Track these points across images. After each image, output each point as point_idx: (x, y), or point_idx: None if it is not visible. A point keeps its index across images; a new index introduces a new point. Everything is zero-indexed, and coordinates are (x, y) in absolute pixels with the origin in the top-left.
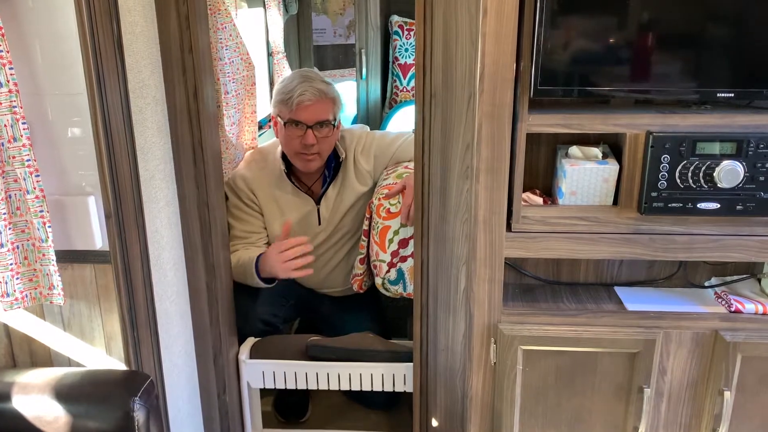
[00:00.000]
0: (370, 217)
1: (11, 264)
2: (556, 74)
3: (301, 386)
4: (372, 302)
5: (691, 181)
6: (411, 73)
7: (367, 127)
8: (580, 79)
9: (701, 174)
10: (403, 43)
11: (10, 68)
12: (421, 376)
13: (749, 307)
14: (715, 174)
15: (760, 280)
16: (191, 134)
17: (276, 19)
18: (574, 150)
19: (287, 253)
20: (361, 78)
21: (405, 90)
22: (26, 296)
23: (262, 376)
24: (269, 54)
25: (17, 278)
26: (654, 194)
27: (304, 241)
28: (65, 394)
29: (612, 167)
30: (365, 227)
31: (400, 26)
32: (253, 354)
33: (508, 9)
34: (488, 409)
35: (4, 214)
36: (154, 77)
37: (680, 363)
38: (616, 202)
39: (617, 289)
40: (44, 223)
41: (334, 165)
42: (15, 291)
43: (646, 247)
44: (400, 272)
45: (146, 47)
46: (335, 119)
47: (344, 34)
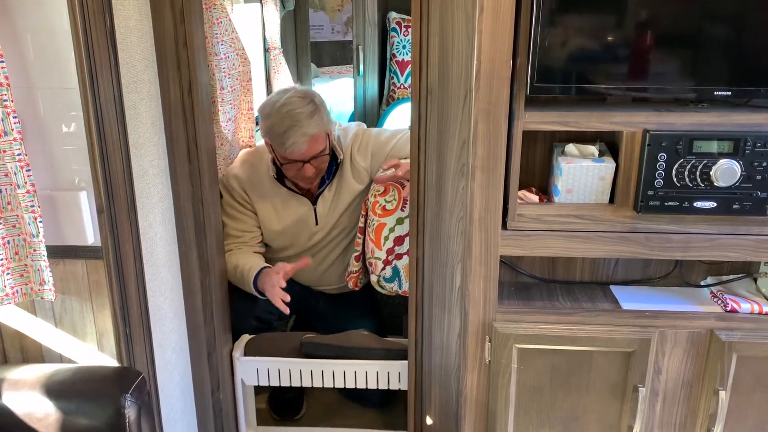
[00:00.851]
0: (366, 214)
1: (2, 259)
2: (553, 72)
3: (296, 384)
4: (367, 300)
5: (687, 179)
6: (408, 70)
7: (364, 125)
8: (577, 77)
9: (698, 173)
10: (401, 40)
11: (1, 61)
12: (416, 374)
13: (745, 306)
14: (711, 173)
15: (756, 280)
16: (185, 130)
17: (273, 15)
18: (571, 148)
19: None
20: (359, 75)
21: (402, 87)
22: (17, 292)
23: (256, 373)
24: (266, 50)
25: (8, 273)
26: (650, 193)
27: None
28: (56, 390)
29: (608, 165)
30: (361, 224)
31: (398, 23)
32: (248, 351)
33: (505, 6)
34: (483, 408)
35: None
36: (148, 72)
37: (675, 362)
38: (612, 200)
39: (613, 287)
40: (35, 218)
41: (333, 168)
42: (6, 286)
43: (642, 245)
44: (396, 270)
45: (140, 41)
46: (328, 143)
47: (342, 30)
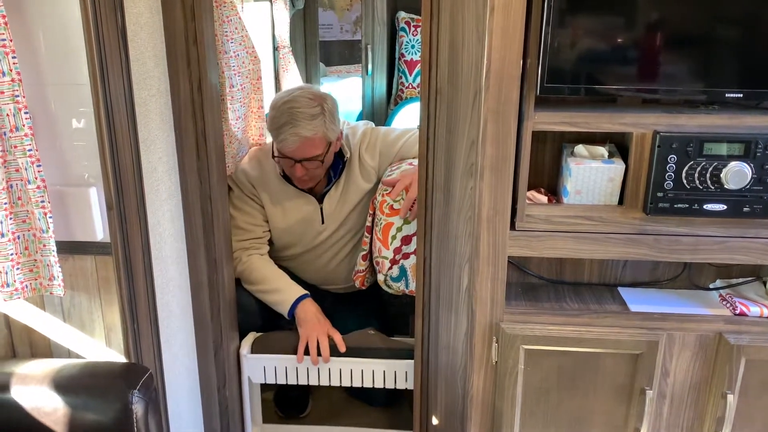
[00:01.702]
0: (374, 213)
1: (12, 254)
2: (563, 72)
3: (302, 382)
4: (374, 299)
5: (697, 181)
6: (417, 69)
7: (372, 124)
8: (587, 78)
9: (708, 175)
10: (410, 40)
11: (13, 57)
12: (422, 373)
13: (754, 310)
14: (722, 175)
15: (765, 283)
16: (195, 127)
17: (282, 14)
18: (580, 149)
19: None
20: (367, 74)
21: (411, 86)
22: (26, 287)
23: (263, 371)
24: (275, 48)
25: (17, 268)
26: (660, 194)
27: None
28: (64, 385)
29: (618, 167)
30: (368, 224)
31: (407, 22)
32: (254, 349)
33: (516, 6)
34: (489, 408)
35: (5, 204)
36: (158, 69)
37: (683, 365)
38: (621, 201)
39: (621, 289)
40: (45, 214)
41: (340, 166)
42: (15, 281)
43: (651, 247)
44: (403, 269)
45: (151, 38)
46: (326, 151)
47: (351, 29)
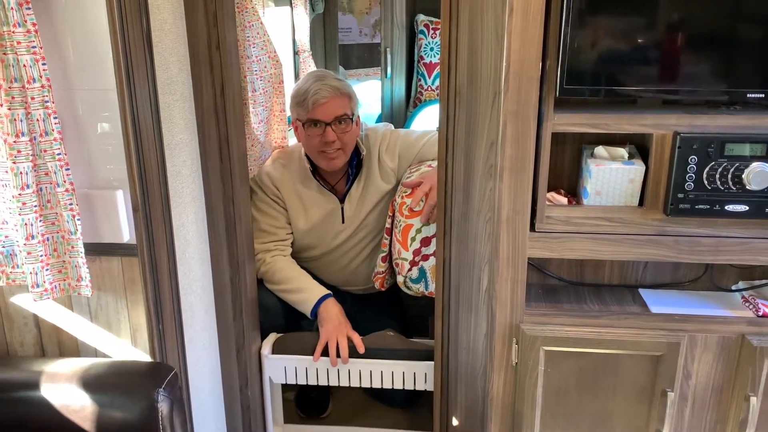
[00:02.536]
0: (393, 215)
1: (41, 255)
2: (583, 73)
3: (322, 382)
4: (394, 300)
5: (719, 182)
6: (436, 72)
7: (391, 126)
8: (608, 79)
9: (729, 176)
10: (429, 42)
11: (43, 64)
12: (441, 374)
13: None
14: (743, 176)
15: None
16: (218, 130)
17: (302, 18)
18: (600, 150)
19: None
20: (386, 77)
21: (429, 89)
22: (55, 287)
23: (284, 371)
24: (295, 52)
25: (47, 269)
26: (680, 195)
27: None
28: (92, 383)
29: (638, 168)
30: (388, 225)
31: (426, 25)
32: (276, 349)
33: (535, 7)
34: (509, 410)
35: (36, 206)
36: (182, 74)
37: (705, 367)
38: (641, 203)
39: (641, 291)
40: (73, 216)
41: (355, 162)
42: (45, 282)
43: (672, 249)
44: (422, 271)
45: (175, 44)
46: (353, 114)
47: (370, 33)
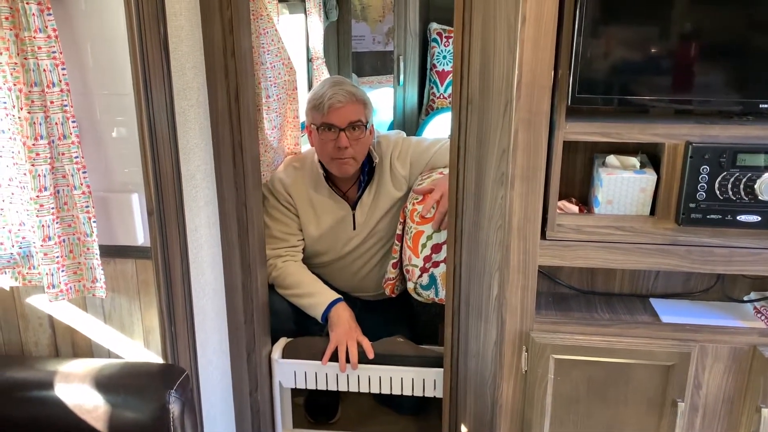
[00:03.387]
0: (404, 221)
1: (58, 257)
2: (595, 82)
3: (332, 388)
4: (404, 307)
5: (731, 192)
6: (448, 80)
7: (404, 133)
8: (620, 88)
9: (742, 186)
10: (441, 50)
11: (63, 68)
12: (451, 381)
13: None
14: (756, 186)
15: None
16: (231, 136)
17: (316, 26)
18: (612, 159)
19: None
20: (399, 84)
21: (442, 97)
22: (71, 288)
23: (293, 375)
24: (309, 60)
25: (63, 271)
26: (692, 205)
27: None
28: (104, 384)
29: (650, 177)
30: (398, 232)
31: (439, 33)
32: (286, 354)
33: (547, 16)
34: (518, 417)
35: (53, 208)
36: (197, 80)
37: (716, 378)
38: (653, 212)
39: (653, 300)
40: (89, 219)
41: (368, 169)
42: (60, 283)
43: (683, 258)
44: (433, 277)
45: (191, 50)
46: (367, 121)
47: (383, 41)
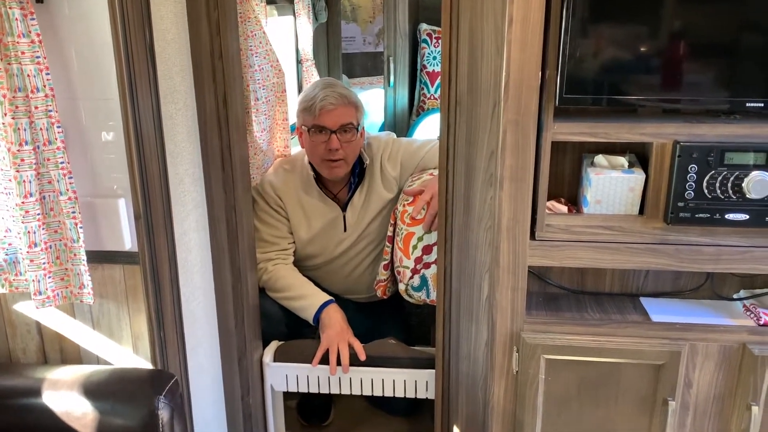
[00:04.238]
0: (395, 223)
1: (44, 263)
2: (583, 82)
3: (324, 390)
4: (396, 308)
5: (719, 191)
6: (438, 81)
7: (394, 134)
8: (608, 88)
9: (729, 184)
10: (431, 51)
11: (47, 73)
12: (443, 383)
13: None
14: (743, 184)
15: None
16: (220, 139)
17: (305, 27)
18: (600, 159)
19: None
20: (389, 85)
21: (432, 98)
22: (57, 295)
23: (285, 379)
24: (298, 62)
25: (49, 277)
26: (681, 204)
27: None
28: (93, 391)
29: (638, 176)
30: (389, 233)
31: (429, 34)
32: (277, 357)
33: (534, 17)
34: (510, 418)
35: (39, 214)
36: (184, 83)
37: (707, 376)
38: (642, 211)
39: (643, 299)
40: (76, 224)
41: (358, 171)
42: (47, 289)
43: (672, 257)
44: (424, 279)
45: (177, 54)
46: (359, 124)
47: (373, 42)
